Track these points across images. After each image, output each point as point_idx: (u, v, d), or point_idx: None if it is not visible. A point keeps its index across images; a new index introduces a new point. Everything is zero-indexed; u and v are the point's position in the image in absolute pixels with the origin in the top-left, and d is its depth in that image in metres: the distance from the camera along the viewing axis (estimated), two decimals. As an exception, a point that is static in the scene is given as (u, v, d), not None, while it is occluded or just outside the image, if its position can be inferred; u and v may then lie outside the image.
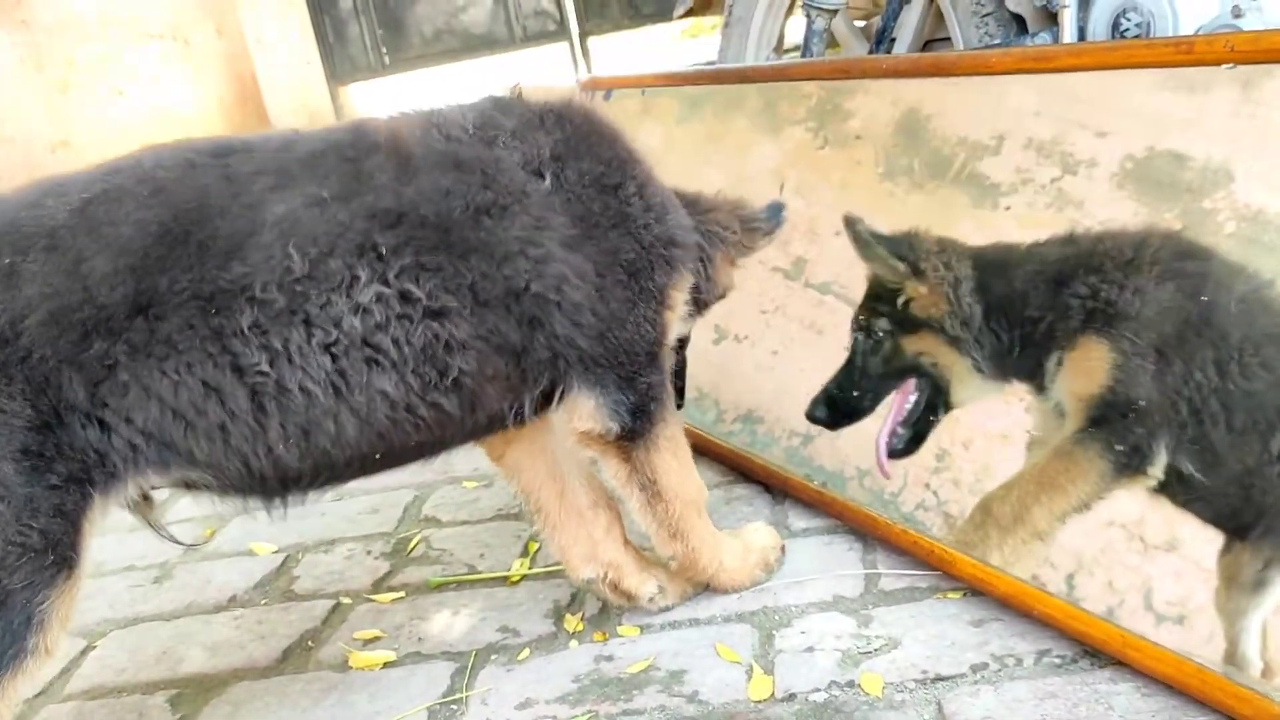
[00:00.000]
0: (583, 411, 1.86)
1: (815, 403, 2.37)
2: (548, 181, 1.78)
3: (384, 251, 1.63)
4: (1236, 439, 1.66)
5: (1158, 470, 1.73)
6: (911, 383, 2.18)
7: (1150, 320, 1.76)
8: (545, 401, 1.87)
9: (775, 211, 2.17)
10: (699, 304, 2.08)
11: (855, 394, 2.30)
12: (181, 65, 10.11)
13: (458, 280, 1.68)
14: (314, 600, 2.38)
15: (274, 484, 1.70)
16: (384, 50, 11.21)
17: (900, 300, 2.21)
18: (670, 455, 1.94)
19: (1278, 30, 1.69)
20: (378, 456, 1.74)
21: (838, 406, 2.33)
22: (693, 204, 2.08)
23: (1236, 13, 2.44)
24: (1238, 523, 1.66)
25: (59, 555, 1.55)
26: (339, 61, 11.19)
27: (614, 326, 1.81)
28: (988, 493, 1.96)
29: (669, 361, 1.95)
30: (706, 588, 2.11)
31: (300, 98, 10.55)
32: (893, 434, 2.19)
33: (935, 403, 2.14)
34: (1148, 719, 1.59)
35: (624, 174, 1.86)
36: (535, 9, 10.78)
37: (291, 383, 1.60)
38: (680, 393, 2.23)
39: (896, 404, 2.21)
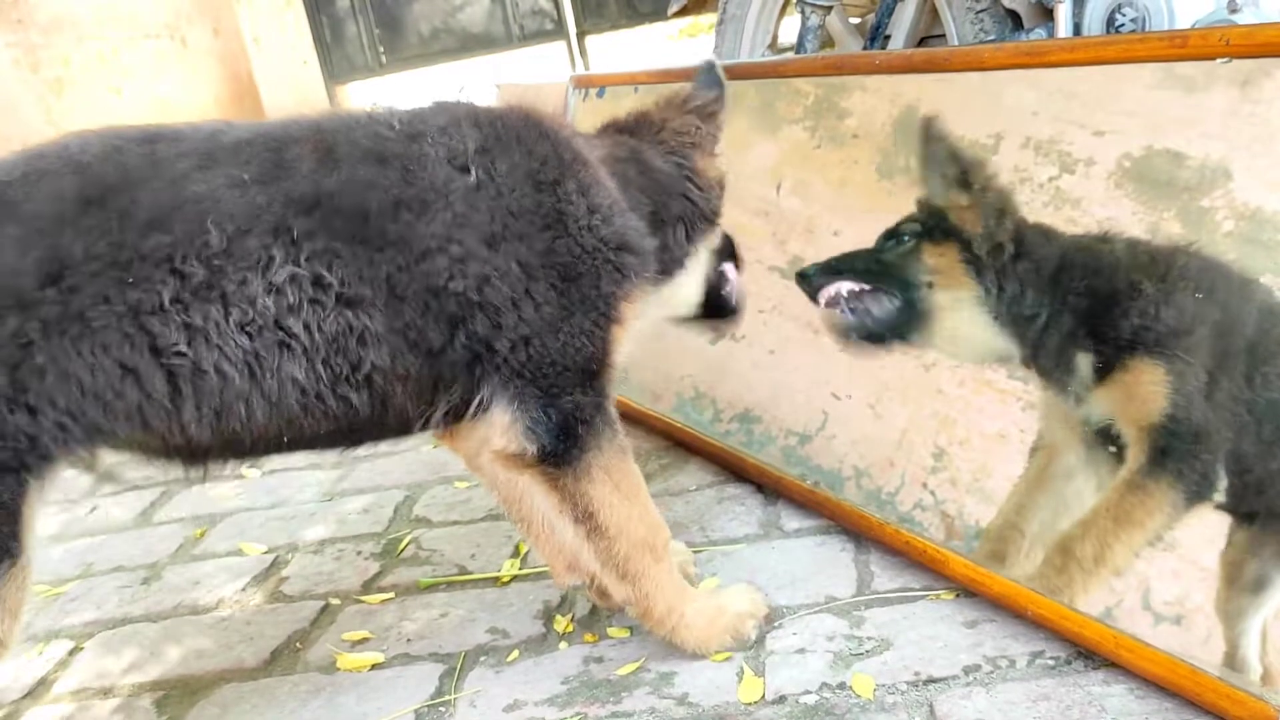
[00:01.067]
0: (497, 426, 1.76)
1: (814, 264, 2.40)
2: (473, 176, 1.70)
3: (297, 235, 1.59)
4: (1264, 449, 1.63)
5: (1221, 493, 1.67)
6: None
7: (1194, 338, 1.72)
8: (459, 415, 1.80)
9: (708, 76, 2.13)
10: (709, 217, 2.05)
11: (851, 261, 2.32)
12: (178, 64, 10.08)
13: (372, 271, 1.63)
14: (303, 601, 2.36)
15: (188, 457, 1.70)
16: (381, 49, 11.18)
17: (935, 204, 2.18)
18: (608, 488, 1.80)
19: (1274, 24, 1.67)
20: (285, 440, 1.71)
21: (828, 268, 2.37)
22: (645, 127, 2.05)
23: (1232, 8, 2.42)
24: (1247, 510, 1.65)
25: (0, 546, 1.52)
26: (336, 60, 11.16)
27: (541, 334, 1.72)
28: (1063, 533, 1.85)
29: (611, 385, 1.84)
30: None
31: (297, 97, 10.52)
32: (838, 293, 2.33)
33: (899, 323, 2.21)
34: (1141, 721, 1.57)
35: (562, 172, 1.77)
36: (532, 8, 10.76)
37: (208, 364, 1.57)
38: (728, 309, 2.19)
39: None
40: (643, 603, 1.87)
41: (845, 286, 2.31)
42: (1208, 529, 1.66)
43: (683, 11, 4.71)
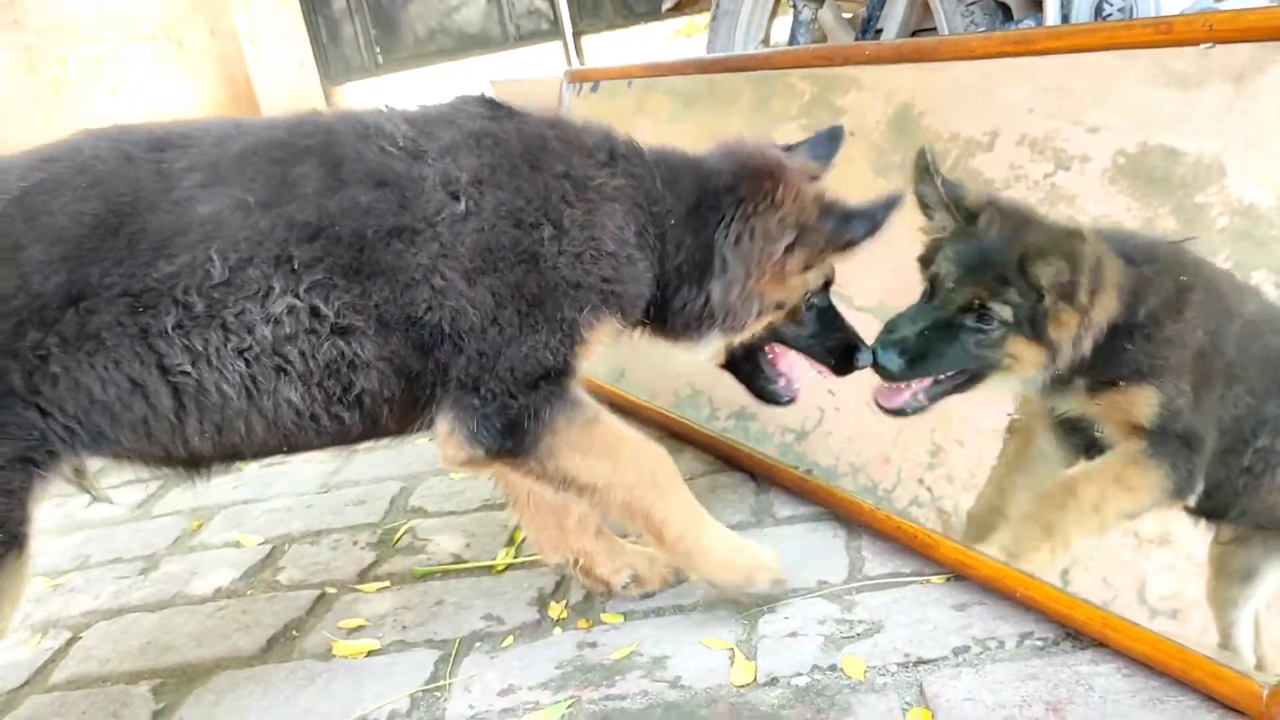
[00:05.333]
0: (440, 435, 1.80)
1: (886, 347, 2.08)
2: (462, 205, 1.73)
3: (297, 266, 1.65)
4: (1217, 458, 1.69)
5: (1194, 499, 1.71)
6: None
7: (1186, 362, 1.75)
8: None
9: (876, 213, 1.88)
10: (726, 325, 1.93)
11: (934, 357, 2.06)
12: (175, 65, 10.10)
13: (364, 301, 1.69)
14: (299, 590, 2.38)
15: (189, 466, 1.78)
16: (378, 50, 11.22)
17: (1040, 309, 1.95)
18: (579, 457, 1.82)
19: (1257, 10, 1.69)
20: (284, 450, 1.81)
21: (915, 365, 2.07)
22: (751, 197, 1.90)
23: (1218, -4, 2.45)
24: (1202, 511, 1.69)
25: (7, 533, 1.57)
26: (333, 61, 11.20)
27: (500, 348, 1.75)
28: (1070, 474, 1.87)
29: (569, 385, 1.83)
30: (683, 575, 2.08)
31: (294, 98, 10.54)
32: (915, 396, 2.08)
33: (967, 386, 2.05)
34: (1128, 699, 1.59)
35: (544, 214, 1.78)
36: (529, 8, 10.78)
37: (210, 384, 1.64)
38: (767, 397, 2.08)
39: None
40: (656, 531, 1.90)
41: (926, 384, 2.09)
42: (1201, 524, 1.69)
43: (676, 8, 4.74)
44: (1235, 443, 1.67)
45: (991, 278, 2.00)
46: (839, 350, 2.04)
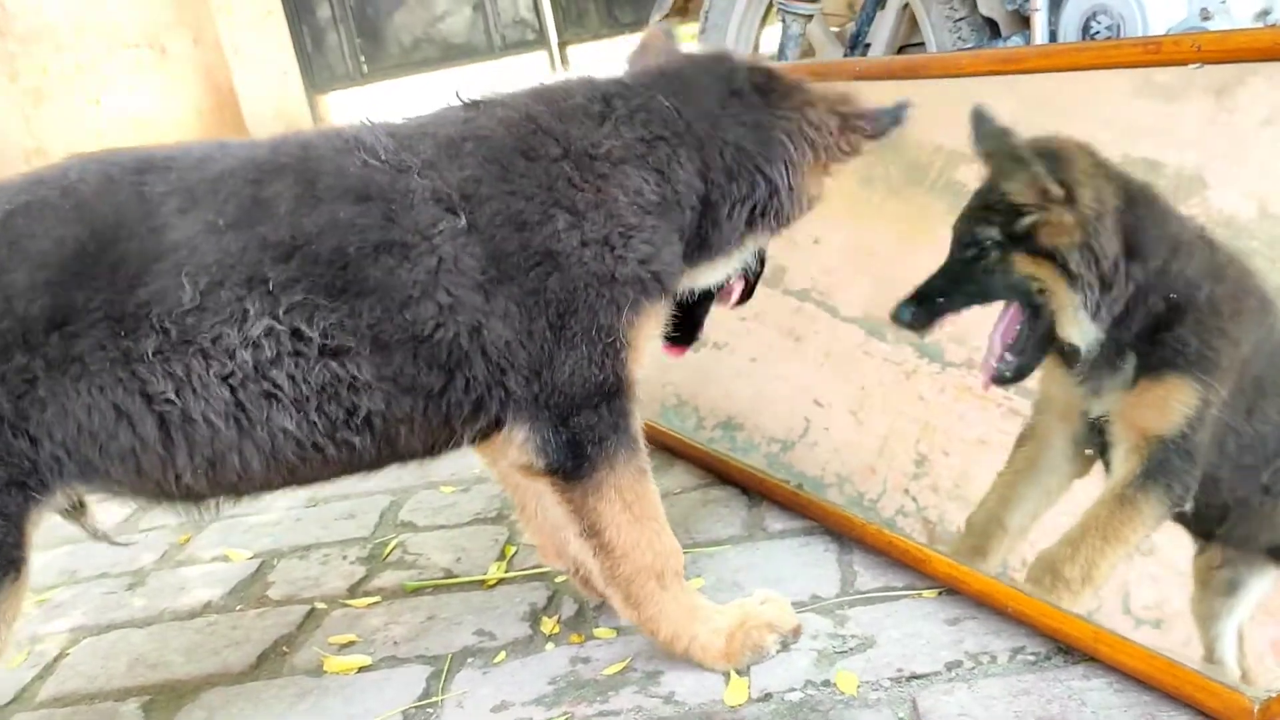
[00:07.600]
0: (514, 442, 1.77)
1: (903, 305, 2.16)
2: (463, 220, 1.66)
3: (273, 287, 1.58)
4: (1238, 474, 1.68)
5: (1189, 505, 1.71)
6: (1016, 308, 2.01)
7: (1231, 368, 1.72)
8: (487, 434, 1.80)
9: (895, 111, 1.88)
10: (780, 220, 1.89)
11: (946, 296, 2.11)
12: (158, 74, 10.05)
13: (354, 321, 1.61)
14: (289, 606, 2.37)
15: (187, 503, 1.73)
16: (362, 59, 11.19)
17: (1024, 221, 1.97)
18: (618, 507, 1.78)
19: (1244, 30, 1.71)
20: (293, 484, 1.75)
21: (926, 306, 2.13)
22: (785, 94, 1.87)
23: (1205, 15, 2.47)
24: (1206, 531, 1.69)
25: (3, 557, 1.56)
26: (317, 70, 11.16)
27: (545, 369, 1.71)
28: (1050, 550, 1.83)
29: (631, 403, 1.80)
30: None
31: (278, 107, 10.51)
32: (1001, 359, 2.01)
33: (1043, 335, 1.96)
34: (1120, 714, 1.60)
35: (552, 205, 1.70)
36: (514, 18, 10.80)
37: (195, 412, 1.58)
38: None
39: (1003, 328, 2.02)
40: (648, 626, 1.87)
41: (994, 355, 2.03)
42: (1186, 535, 1.70)
43: (665, 19, 4.74)
44: (1257, 460, 1.66)
45: (976, 209, 2.09)
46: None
